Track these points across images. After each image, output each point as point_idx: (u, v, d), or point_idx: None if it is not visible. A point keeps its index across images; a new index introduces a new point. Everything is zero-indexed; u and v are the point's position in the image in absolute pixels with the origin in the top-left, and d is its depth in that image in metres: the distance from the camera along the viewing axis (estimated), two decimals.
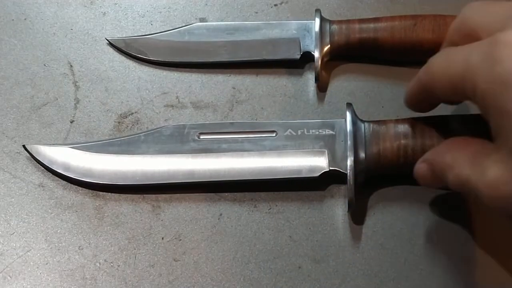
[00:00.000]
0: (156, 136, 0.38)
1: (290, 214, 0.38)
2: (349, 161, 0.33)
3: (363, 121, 0.36)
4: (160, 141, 0.38)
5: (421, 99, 0.33)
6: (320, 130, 0.36)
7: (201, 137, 0.38)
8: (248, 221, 0.38)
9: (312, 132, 0.36)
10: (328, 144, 0.35)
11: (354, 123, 0.35)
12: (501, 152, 0.25)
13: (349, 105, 0.36)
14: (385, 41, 0.41)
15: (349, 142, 0.34)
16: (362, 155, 0.34)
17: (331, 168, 0.35)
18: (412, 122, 0.34)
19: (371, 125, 0.35)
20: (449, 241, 0.36)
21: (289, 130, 0.37)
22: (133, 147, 0.38)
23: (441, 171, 0.30)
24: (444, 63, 0.28)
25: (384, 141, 0.34)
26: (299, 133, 0.36)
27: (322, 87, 0.42)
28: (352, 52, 0.42)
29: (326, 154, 0.35)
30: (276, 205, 0.39)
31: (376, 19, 0.41)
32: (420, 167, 0.32)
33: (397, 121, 0.35)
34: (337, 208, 0.37)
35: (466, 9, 0.29)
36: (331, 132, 0.36)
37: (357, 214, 0.37)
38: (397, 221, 0.36)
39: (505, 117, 0.24)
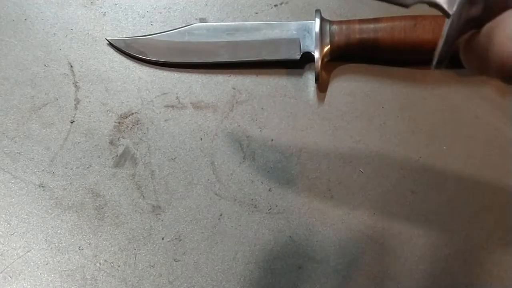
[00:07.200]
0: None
1: (290, 214, 0.38)
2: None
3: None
4: None
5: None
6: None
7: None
8: (248, 222, 0.38)
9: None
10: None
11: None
12: None
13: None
14: (385, 42, 0.41)
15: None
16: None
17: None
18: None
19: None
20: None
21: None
22: None
23: None
24: None
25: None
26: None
27: (322, 87, 0.42)
28: (352, 52, 0.42)
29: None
30: (276, 206, 0.39)
31: (376, 20, 0.41)
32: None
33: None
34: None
35: None
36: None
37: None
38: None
39: None
